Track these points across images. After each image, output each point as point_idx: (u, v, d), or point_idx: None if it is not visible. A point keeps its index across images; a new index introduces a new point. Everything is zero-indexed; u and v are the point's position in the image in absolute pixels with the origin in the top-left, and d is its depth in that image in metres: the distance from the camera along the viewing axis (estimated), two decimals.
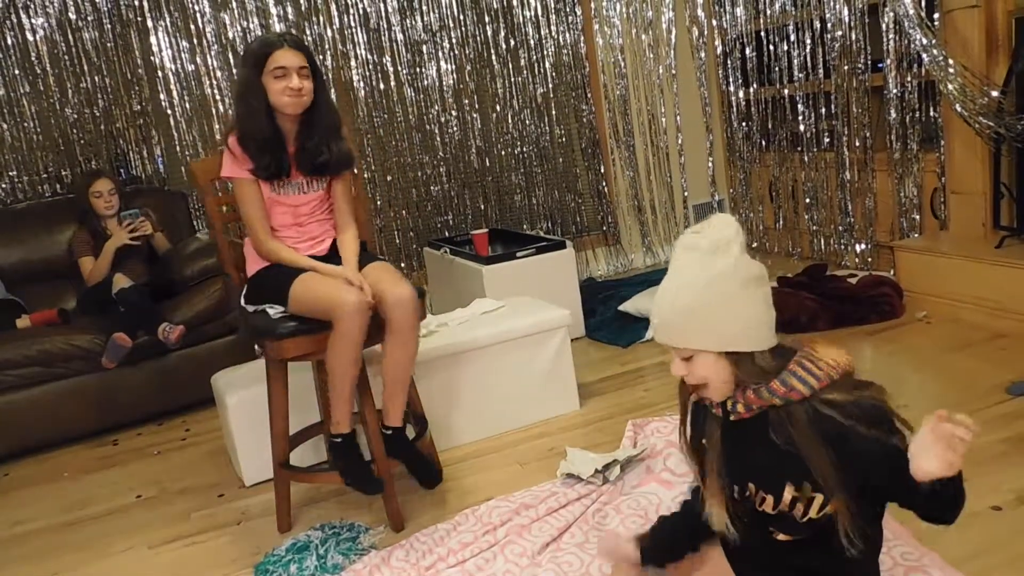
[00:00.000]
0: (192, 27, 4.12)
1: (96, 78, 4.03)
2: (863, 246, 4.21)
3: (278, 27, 4.22)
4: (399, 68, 4.52)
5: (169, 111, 4.16)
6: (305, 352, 2.25)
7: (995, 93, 3.22)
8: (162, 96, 4.14)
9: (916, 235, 3.89)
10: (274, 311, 2.28)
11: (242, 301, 2.41)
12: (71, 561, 2.46)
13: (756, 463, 1.43)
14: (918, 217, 3.90)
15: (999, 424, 2.45)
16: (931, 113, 3.75)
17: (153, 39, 4.08)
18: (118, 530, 2.61)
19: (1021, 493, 2.07)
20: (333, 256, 2.37)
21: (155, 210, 3.78)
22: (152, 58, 4.09)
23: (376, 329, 2.25)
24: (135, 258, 3.58)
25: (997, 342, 3.08)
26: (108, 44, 4.02)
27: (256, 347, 3.56)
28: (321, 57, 4.32)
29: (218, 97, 4.21)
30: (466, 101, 4.68)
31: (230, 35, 4.16)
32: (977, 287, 3.28)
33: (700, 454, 1.53)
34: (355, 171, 2.47)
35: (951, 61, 3.31)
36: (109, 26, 4.01)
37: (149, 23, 4.06)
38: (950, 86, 3.31)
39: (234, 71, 4.17)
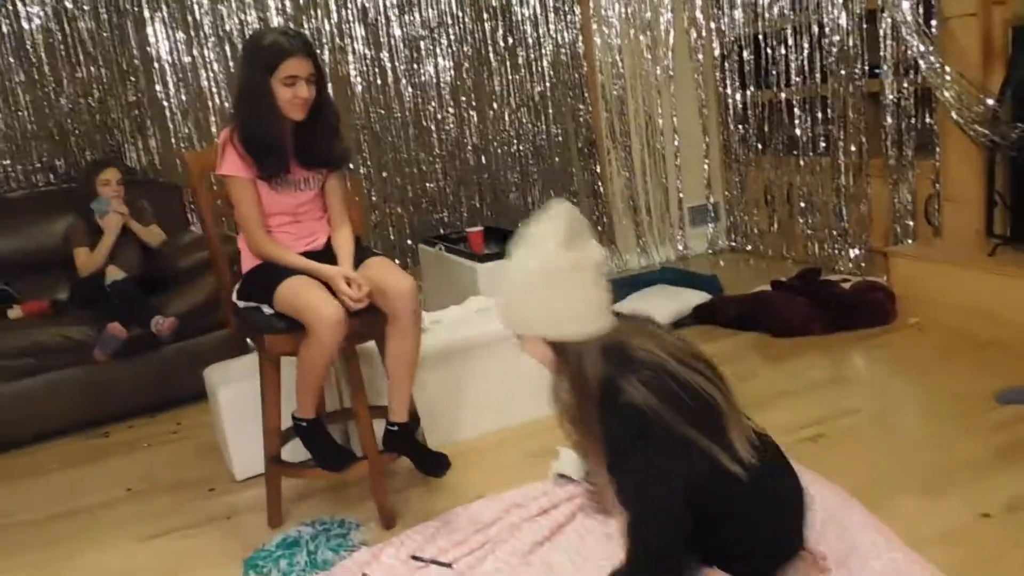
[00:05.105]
0: (189, 18, 4.10)
1: (91, 68, 4.01)
2: (857, 251, 4.23)
3: (276, 20, 4.20)
4: (397, 64, 4.51)
5: (165, 103, 4.15)
6: (298, 349, 2.25)
7: (991, 101, 3.23)
8: (158, 88, 4.12)
9: (910, 241, 3.90)
10: (268, 309, 2.28)
11: (234, 296, 2.40)
12: (60, 553, 2.45)
13: None
14: (912, 223, 3.91)
15: (988, 432, 2.46)
16: (927, 120, 3.76)
17: (150, 30, 4.06)
18: (107, 523, 2.60)
19: (1010, 501, 2.08)
20: (328, 252, 2.36)
21: (150, 203, 3.76)
22: (148, 49, 4.08)
23: (371, 324, 2.25)
24: (129, 250, 3.56)
25: (988, 350, 3.10)
26: (104, 34, 4.00)
27: (248, 340, 3.55)
28: (318, 51, 4.31)
29: (214, 90, 4.19)
30: (463, 98, 4.68)
31: (227, 27, 4.15)
32: (969, 295, 3.29)
33: None
34: (350, 167, 2.47)
35: (948, 69, 3.32)
36: (105, 16, 3.99)
37: (146, 13, 4.04)
38: (946, 93, 3.32)
39: (230, 63, 4.15)
